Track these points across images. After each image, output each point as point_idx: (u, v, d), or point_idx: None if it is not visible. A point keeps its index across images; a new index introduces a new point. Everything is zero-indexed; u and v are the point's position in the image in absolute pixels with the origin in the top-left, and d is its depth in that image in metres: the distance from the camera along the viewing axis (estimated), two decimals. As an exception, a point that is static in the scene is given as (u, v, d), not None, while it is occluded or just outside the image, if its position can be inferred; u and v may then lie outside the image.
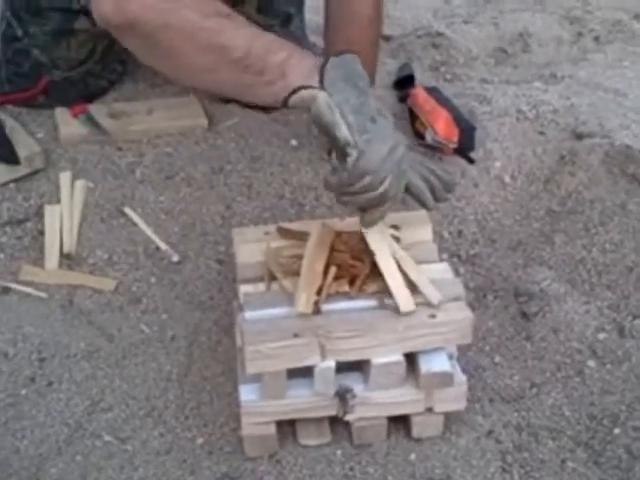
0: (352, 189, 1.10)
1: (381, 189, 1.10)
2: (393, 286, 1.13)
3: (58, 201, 1.47)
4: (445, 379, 1.12)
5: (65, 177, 1.49)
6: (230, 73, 1.17)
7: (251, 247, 1.22)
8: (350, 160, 1.10)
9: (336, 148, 1.13)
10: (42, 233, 1.44)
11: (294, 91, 1.14)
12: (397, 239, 1.22)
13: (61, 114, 1.60)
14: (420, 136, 1.60)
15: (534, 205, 1.52)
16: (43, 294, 1.36)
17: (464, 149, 1.56)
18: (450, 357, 1.14)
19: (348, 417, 1.13)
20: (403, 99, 1.70)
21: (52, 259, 1.39)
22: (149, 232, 1.45)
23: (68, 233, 1.42)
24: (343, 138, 1.10)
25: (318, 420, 1.15)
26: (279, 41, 1.18)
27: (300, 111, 1.64)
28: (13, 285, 1.36)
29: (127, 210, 1.47)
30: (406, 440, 1.15)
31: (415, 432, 1.15)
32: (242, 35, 1.16)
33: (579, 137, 1.59)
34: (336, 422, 1.15)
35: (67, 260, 1.40)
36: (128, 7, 1.16)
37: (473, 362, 1.26)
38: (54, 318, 1.32)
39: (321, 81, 1.13)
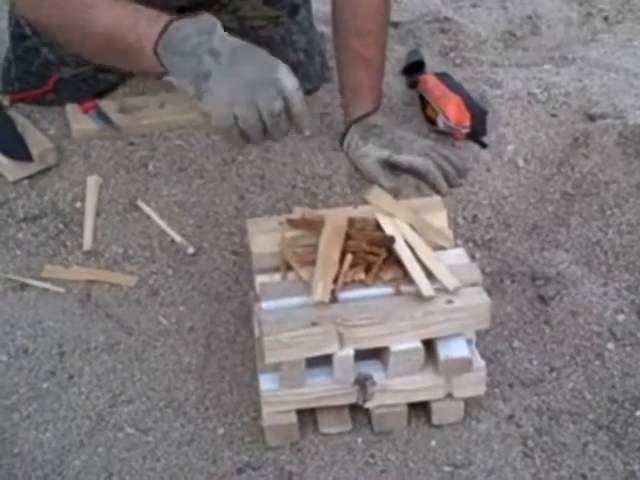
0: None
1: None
2: (413, 272, 1.13)
3: (73, 198, 1.47)
4: (464, 364, 1.12)
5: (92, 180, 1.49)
6: (99, 49, 1.16)
7: (266, 237, 1.22)
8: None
9: None
10: (57, 229, 1.45)
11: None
12: (412, 226, 1.22)
13: (72, 110, 1.60)
14: (432, 122, 1.59)
15: (548, 188, 1.51)
16: (61, 289, 1.36)
17: (476, 134, 1.55)
18: (469, 342, 1.14)
19: (368, 404, 1.13)
20: (413, 85, 1.69)
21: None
22: (164, 225, 1.45)
23: (88, 231, 1.43)
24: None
25: (338, 408, 1.15)
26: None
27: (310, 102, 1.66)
28: (31, 281, 1.37)
29: (141, 204, 1.48)
30: (426, 426, 1.16)
31: (435, 418, 1.15)
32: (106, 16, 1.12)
33: (592, 118, 1.58)
34: (356, 410, 1.15)
35: (86, 256, 1.41)
36: None
37: (492, 347, 1.26)
38: (73, 312, 1.33)
39: None
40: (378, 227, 1.21)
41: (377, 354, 1.13)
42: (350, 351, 1.10)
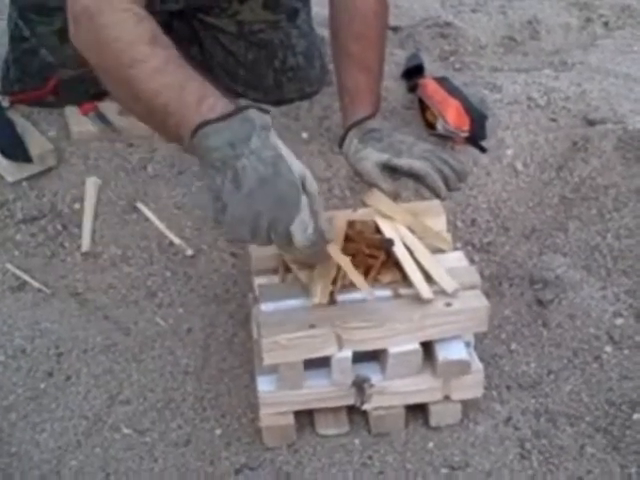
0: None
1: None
2: (412, 275, 1.13)
3: (72, 199, 1.47)
4: (462, 367, 1.12)
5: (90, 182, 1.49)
6: (141, 112, 1.08)
7: (265, 239, 1.22)
8: None
9: None
10: (56, 230, 1.45)
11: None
12: (411, 229, 1.22)
13: (71, 112, 1.61)
14: (431, 126, 1.59)
15: (547, 192, 1.51)
16: (58, 290, 1.36)
17: (475, 138, 1.55)
18: (467, 345, 1.14)
19: (366, 406, 1.13)
20: (413, 89, 1.69)
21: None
22: (162, 227, 1.45)
23: (86, 232, 1.43)
24: None
25: (336, 410, 1.15)
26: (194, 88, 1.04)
27: (308, 108, 1.65)
28: (29, 282, 1.37)
29: (140, 206, 1.48)
30: (424, 428, 1.15)
31: (433, 420, 1.15)
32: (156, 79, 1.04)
33: (591, 123, 1.58)
34: (354, 411, 1.15)
35: (85, 257, 1.41)
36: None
37: (490, 350, 1.26)
38: (70, 313, 1.33)
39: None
40: (377, 230, 1.21)
41: (375, 356, 1.13)
42: (348, 353, 1.10)
